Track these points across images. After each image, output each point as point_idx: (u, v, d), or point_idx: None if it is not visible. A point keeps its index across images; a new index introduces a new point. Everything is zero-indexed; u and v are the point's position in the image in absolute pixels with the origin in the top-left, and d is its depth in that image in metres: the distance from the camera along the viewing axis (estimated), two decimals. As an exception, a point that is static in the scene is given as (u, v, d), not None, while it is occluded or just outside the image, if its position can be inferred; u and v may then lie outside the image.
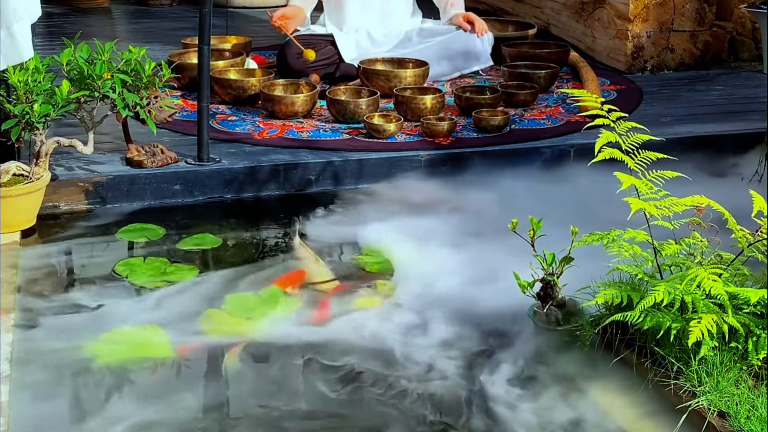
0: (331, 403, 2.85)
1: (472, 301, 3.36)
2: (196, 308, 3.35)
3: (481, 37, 5.57)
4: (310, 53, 5.27)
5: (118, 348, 3.10)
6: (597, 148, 3.02)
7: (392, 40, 5.60)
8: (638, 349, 2.87)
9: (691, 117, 5.06)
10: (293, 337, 3.15)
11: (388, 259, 3.71)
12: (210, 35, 4.24)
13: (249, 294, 3.46)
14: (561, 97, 5.25)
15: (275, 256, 3.79)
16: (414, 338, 3.17)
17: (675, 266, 2.96)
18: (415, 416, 2.79)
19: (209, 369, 3.08)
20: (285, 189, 4.31)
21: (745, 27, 6.21)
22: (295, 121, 4.83)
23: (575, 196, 4.13)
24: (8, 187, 3.73)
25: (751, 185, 3.95)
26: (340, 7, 5.58)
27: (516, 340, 3.13)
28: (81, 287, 3.53)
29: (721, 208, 2.93)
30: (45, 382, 2.90)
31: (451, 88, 5.27)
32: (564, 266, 3.13)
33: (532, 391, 2.88)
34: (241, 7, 7.67)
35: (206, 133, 4.30)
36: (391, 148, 4.54)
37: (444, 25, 5.71)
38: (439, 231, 3.92)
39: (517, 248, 3.19)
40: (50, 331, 3.19)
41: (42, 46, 5.91)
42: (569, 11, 6.51)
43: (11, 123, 3.76)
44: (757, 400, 2.62)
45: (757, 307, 2.79)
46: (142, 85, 4.06)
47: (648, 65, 5.96)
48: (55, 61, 3.93)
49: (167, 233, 3.93)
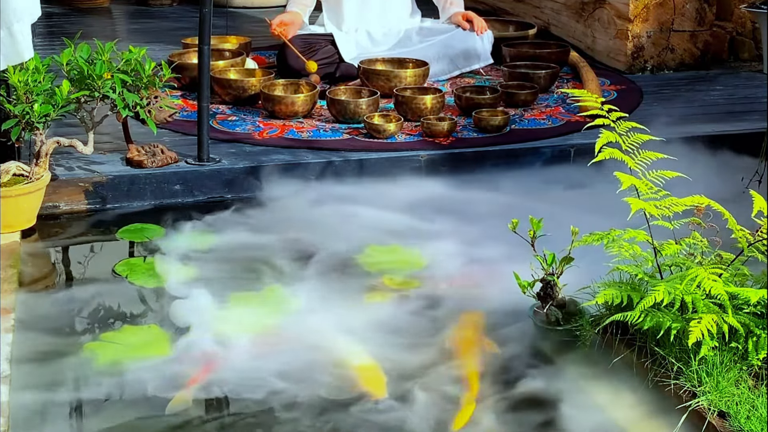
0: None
1: (472, 301, 3.36)
2: (197, 308, 3.36)
3: (480, 36, 5.57)
4: (311, 65, 5.26)
5: (118, 348, 3.10)
6: (597, 148, 3.02)
7: (392, 39, 5.61)
8: (638, 349, 2.87)
9: (691, 117, 5.06)
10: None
11: (389, 259, 3.72)
12: (210, 35, 4.24)
13: (251, 293, 3.46)
14: (561, 97, 5.25)
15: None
16: (414, 338, 3.17)
17: (675, 266, 2.96)
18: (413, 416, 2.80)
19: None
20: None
21: (745, 27, 6.22)
22: (295, 121, 4.83)
23: (575, 195, 4.14)
24: (8, 187, 3.73)
25: (751, 185, 3.95)
26: (338, 6, 5.58)
27: (516, 340, 3.13)
28: (81, 287, 3.53)
29: (721, 208, 2.93)
30: (45, 382, 2.90)
31: (451, 88, 5.28)
32: (564, 266, 3.13)
33: (531, 392, 2.88)
34: (241, 7, 7.67)
35: (206, 133, 4.30)
36: (391, 148, 4.54)
37: (443, 23, 5.71)
38: (438, 231, 3.93)
39: (517, 248, 3.20)
40: (50, 331, 3.19)
41: (42, 46, 5.91)
42: (569, 11, 6.51)
43: (11, 123, 3.76)
44: (757, 400, 2.62)
45: (757, 307, 2.79)
46: (142, 85, 4.06)
47: (648, 65, 5.96)
48: (55, 61, 3.93)
49: (167, 233, 3.93)
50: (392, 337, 3.17)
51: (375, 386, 2.90)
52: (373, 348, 3.10)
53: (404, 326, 3.24)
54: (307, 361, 3.02)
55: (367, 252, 3.77)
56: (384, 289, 3.50)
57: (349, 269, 3.64)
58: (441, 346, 3.13)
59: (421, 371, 2.99)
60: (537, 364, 3.01)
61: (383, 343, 3.13)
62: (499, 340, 3.14)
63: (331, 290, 3.46)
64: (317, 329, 3.21)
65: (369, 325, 3.23)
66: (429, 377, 2.96)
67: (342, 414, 2.78)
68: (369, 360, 3.04)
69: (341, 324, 3.23)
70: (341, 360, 3.05)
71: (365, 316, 3.30)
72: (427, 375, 2.97)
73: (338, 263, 3.67)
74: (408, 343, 3.14)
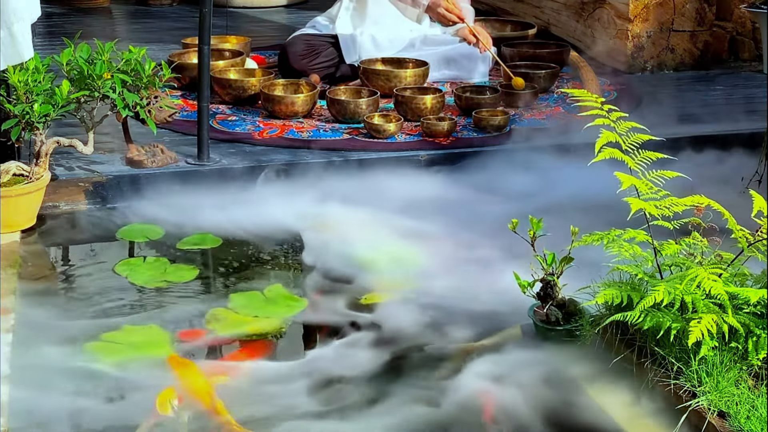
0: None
1: (472, 301, 3.36)
2: (198, 308, 3.36)
3: (482, 54, 5.54)
4: (518, 81, 5.21)
5: (118, 348, 3.10)
6: (597, 148, 3.02)
7: (397, 45, 5.58)
8: (638, 349, 2.87)
9: (691, 117, 5.06)
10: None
11: (389, 258, 3.72)
12: (210, 35, 4.24)
13: (254, 292, 3.46)
14: (561, 97, 5.25)
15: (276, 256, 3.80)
16: (413, 337, 3.16)
17: (675, 266, 2.96)
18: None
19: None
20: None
21: (745, 27, 6.21)
22: (295, 121, 4.83)
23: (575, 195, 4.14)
24: (8, 187, 3.73)
25: (751, 185, 3.94)
26: (363, 7, 5.55)
27: (516, 340, 3.13)
28: (81, 287, 3.53)
29: (721, 208, 2.93)
30: (45, 382, 2.90)
31: (451, 88, 5.27)
32: (564, 266, 3.13)
33: (531, 391, 2.88)
34: (241, 7, 7.66)
35: (206, 133, 4.30)
36: (391, 148, 4.54)
37: (450, 35, 5.68)
38: (439, 230, 3.93)
39: (517, 248, 3.19)
40: (50, 330, 3.18)
41: (42, 46, 5.90)
42: (569, 11, 6.51)
43: (11, 123, 3.76)
44: (757, 400, 2.62)
45: (757, 307, 2.79)
46: (143, 85, 4.06)
47: (648, 65, 5.96)
48: (55, 61, 3.93)
49: (167, 233, 3.93)
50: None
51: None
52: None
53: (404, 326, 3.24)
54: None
55: (367, 252, 3.77)
56: (382, 289, 3.50)
57: (348, 270, 3.64)
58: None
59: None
60: (537, 364, 3.00)
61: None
62: (499, 340, 3.14)
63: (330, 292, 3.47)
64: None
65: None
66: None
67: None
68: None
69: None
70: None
71: (364, 319, 3.31)
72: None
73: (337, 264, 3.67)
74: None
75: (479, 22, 5.94)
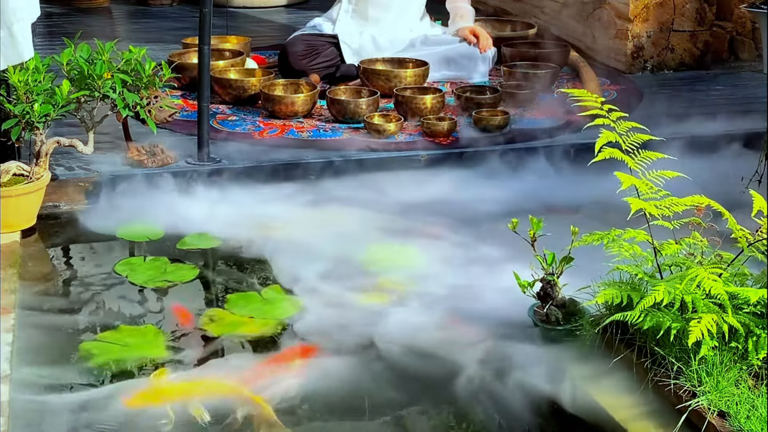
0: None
1: (472, 301, 3.36)
2: (198, 307, 3.35)
3: (483, 54, 5.54)
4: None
5: (117, 348, 3.10)
6: (597, 147, 3.02)
7: (397, 46, 5.58)
8: (638, 349, 2.87)
9: (691, 117, 5.06)
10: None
11: (389, 258, 3.72)
12: (210, 35, 4.24)
13: (252, 293, 3.46)
14: (561, 97, 5.24)
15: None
16: (413, 337, 3.17)
17: (675, 266, 2.96)
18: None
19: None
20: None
21: (745, 27, 6.21)
22: (295, 121, 4.83)
23: (575, 195, 4.14)
24: (8, 187, 3.73)
25: (751, 185, 3.94)
26: (365, 6, 5.55)
27: (516, 340, 3.13)
28: (81, 287, 3.53)
29: (721, 207, 2.93)
30: (45, 382, 2.90)
31: (451, 88, 5.27)
32: (564, 266, 3.13)
33: (531, 391, 2.88)
34: (241, 7, 7.67)
35: (206, 133, 4.30)
36: (391, 148, 4.54)
37: (450, 35, 5.69)
38: (439, 230, 3.93)
39: (517, 248, 3.20)
40: (50, 330, 3.19)
41: (42, 46, 5.90)
42: (569, 11, 6.51)
43: (11, 123, 3.76)
44: (757, 400, 2.62)
45: (757, 307, 2.79)
46: (143, 85, 4.06)
47: (648, 65, 5.96)
48: (55, 61, 3.93)
49: (167, 233, 3.93)
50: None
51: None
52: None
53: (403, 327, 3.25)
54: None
55: (367, 252, 3.77)
56: (383, 289, 3.50)
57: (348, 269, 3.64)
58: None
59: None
60: (537, 364, 3.00)
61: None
62: (499, 340, 3.14)
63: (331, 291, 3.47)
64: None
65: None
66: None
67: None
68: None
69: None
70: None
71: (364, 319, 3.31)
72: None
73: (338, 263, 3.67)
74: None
75: (479, 22, 5.94)
